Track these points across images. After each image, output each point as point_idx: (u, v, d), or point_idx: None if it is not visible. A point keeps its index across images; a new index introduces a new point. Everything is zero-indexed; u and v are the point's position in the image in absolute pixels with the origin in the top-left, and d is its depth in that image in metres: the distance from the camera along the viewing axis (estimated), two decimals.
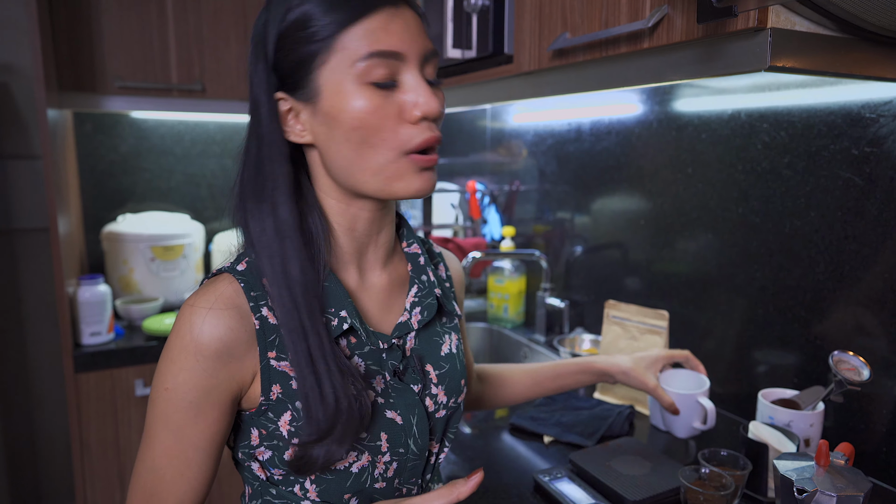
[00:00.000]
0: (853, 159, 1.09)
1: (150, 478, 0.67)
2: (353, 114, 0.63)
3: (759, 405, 1.11)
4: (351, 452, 0.69)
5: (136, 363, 1.76)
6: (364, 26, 0.63)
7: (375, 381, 0.72)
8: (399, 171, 0.66)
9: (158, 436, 0.66)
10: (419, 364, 0.76)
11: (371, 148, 0.65)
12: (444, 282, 0.84)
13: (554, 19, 1.11)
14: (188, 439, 0.66)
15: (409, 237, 0.81)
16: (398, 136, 0.64)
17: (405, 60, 0.64)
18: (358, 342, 0.71)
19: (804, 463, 0.84)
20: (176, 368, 0.64)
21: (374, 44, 0.62)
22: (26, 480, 2.15)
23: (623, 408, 1.32)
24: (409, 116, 0.64)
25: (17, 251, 2.07)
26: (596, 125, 1.68)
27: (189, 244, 2.07)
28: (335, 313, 0.69)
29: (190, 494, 0.67)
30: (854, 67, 0.83)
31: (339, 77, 0.63)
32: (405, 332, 0.75)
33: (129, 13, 1.85)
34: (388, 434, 0.71)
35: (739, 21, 0.77)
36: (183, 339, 0.64)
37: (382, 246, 0.76)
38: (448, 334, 0.81)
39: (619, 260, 1.65)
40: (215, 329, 0.64)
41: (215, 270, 0.70)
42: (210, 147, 2.31)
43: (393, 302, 0.77)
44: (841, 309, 1.13)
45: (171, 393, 0.65)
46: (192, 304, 0.65)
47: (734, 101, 1.29)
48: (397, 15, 0.64)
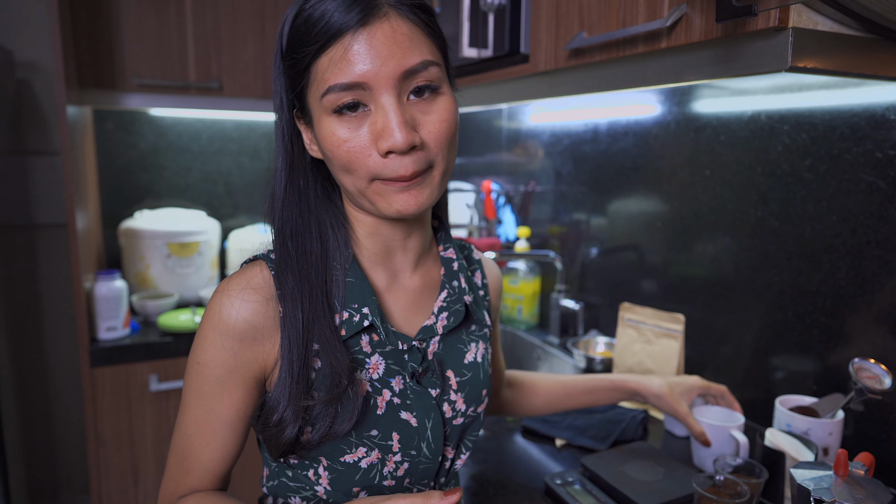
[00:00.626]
0: (877, 162, 1.06)
1: (182, 443, 0.73)
2: (327, 143, 0.65)
3: (776, 412, 1.09)
4: (360, 447, 0.70)
5: (151, 358, 1.77)
6: (328, 56, 0.61)
7: (394, 381, 0.72)
8: (377, 192, 0.66)
9: (191, 405, 0.72)
10: (439, 369, 0.75)
11: (348, 173, 0.66)
12: (477, 289, 0.83)
13: (570, 18, 1.10)
14: (214, 412, 0.70)
15: (447, 241, 0.81)
16: (367, 167, 0.64)
17: (369, 88, 0.61)
18: (380, 340, 0.72)
19: (822, 472, 0.82)
20: (206, 345, 0.69)
21: (332, 77, 0.61)
22: (43, 473, 2.18)
23: (637, 412, 1.30)
24: (378, 149, 0.63)
25: (36, 246, 2.10)
26: (613, 126, 1.66)
27: (205, 241, 2.09)
28: (358, 309, 0.71)
29: (214, 463, 0.72)
30: (878, 68, 0.81)
31: (316, 106, 0.65)
32: (429, 336, 0.75)
33: (148, 12, 1.87)
34: (400, 435, 0.72)
35: (760, 20, 0.76)
36: (213, 319, 0.68)
37: (412, 250, 0.76)
38: (475, 342, 0.80)
39: (634, 262, 1.63)
40: (241, 312, 0.67)
41: (252, 256, 0.74)
42: (227, 145, 2.32)
43: (422, 304, 0.77)
44: (862, 315, 1.10)
45: (202, 367, 0.69)
46: (225, 287, 0.69)
47: (754, 102, 1.27)
48: (360, 37, 0.60)
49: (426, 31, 0.65)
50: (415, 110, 0.64)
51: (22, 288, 2.09)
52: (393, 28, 0.61)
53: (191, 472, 0.73)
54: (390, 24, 0.61)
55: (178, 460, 0.73)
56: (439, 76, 0.65)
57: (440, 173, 0.66)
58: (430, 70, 0.63)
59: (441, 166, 0.66)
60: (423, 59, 0.62)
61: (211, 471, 0.73)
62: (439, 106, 0.65)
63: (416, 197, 0.65)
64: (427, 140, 0.64)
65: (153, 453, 1.81)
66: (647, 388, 1.08)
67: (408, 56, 0.61)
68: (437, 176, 0.66)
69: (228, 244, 2.20)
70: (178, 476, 0.73)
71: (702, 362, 1.43)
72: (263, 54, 2.02)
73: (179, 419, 0.73)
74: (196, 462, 0.72)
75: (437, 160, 0.65)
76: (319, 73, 0.62)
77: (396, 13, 0.62)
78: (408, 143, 0.61)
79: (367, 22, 0.60)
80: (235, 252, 2.17)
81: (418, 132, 0.63)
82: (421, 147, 0.64)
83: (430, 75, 0.63)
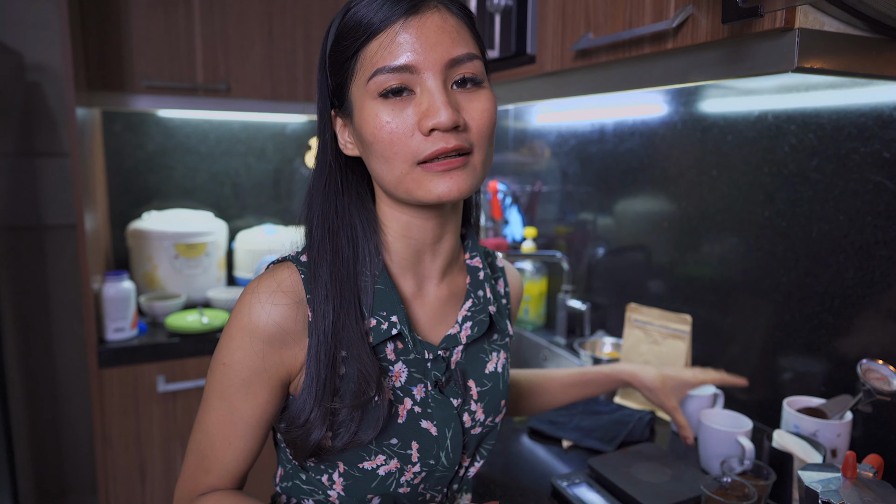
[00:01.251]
0: (884, 162, 1.06)
1: (203, 441, 0.72)
2: (369, 129, 0.65)
3: (784, 413, 1.09)
4: (379, 455, 0.70)
5: (158, 359, 1.78)
6: (377, 42, 0.63)
7: (416, 389, 0.72)
8: (416, 180, 0.65)
9: (213, 404, 0.71)
10: (462, 378, 0.75)
11: (387, 161, 0.65)
12: (500, 298, 0.83)
13: (577, 19, 1.10)
14: (238, 412, 0.70)
15: (473, 249, 0.80)
16: (410, 148, 0.64)
17: (417, 71, 0.63)
18: (404, 348, 0.72)
19: (830, 474, 0.82)
20: (234, 346, 0.69)
21: (380, 60, 0.63)
22: (50, 473, 2.20)
23: (643, 413, 1.30)
24: (422, 127, 0.63)
25: (45, 247, 2.11)
26: (619, 126, 1.66)
27: (212, 242, 2.10)
28: (386, 317, 0.70)
29: (234, 463, 0.72)
30: (886, 69, 0.81)
31: (361, 93, 0.66)
32: (452, 345, 0.75)
33: (156, 14, 1.88)
34: (419, 444, 0.72)
35: (766, 21, 0.76)
36: (241, 321, 0.68)
37: (441, 255, 0.75)
38: (496, 352, 0.80)
39: (641, 262, 1.62)
40: (270, 315, 0.67)
41: (280, 257, 0.74)
42: (234, 146, 2.33)
43: (447, 313, 0.76)
44: (871, 316, 1.10)
45: (227, 368, 0.69)
46: (254, 289, 0.69)
47: (761, 101, 1.27)
48: (411, 24, 0.63)
49: (471, 30, 0.67)
50: (459, 97, 0.65)
51: (31, 288, 2.11)
52: (443, 19, 0.64)
53: (211, 471, 0.72)
54: (440, 15, 0.64)
55: (197, 458, 0.73)
56: (482, 71, 0.67)
57: (480, 161, 0.66)
58: (474, 62, 0.65)
59: (481, 155, 0.66)
60: (468, 51, 0.65)
61: (231, 470, 0.73)
62: (482, 97, 0.66)
63: (457, 182, 0.64)
64: (470, 124, 0.65)
65: (160, 454, 1.82)
66: (639, 379, 1.09)
67: (455, 46, 0.64)
68: (478, 164, 0.66)
69: (236, 245, 2.21)
70: (198, 474, 0.73)
71: (709, 363, 1.43)
72: (271, 56, 2.03)
73: (201, 417, 0.73)
74: (217, 461, 0.72)
75: (478, 146, 0.66)
76: (368, 58, 0.64)
77: (446, 8, 0.65)
78: (452, 122, 0.62)
79: (417, 11, 0.63)
80: (243, 253, 2.18)
81: (462, 115, 0.64)
82: (464, 129, 0.64)
83: (474, 68, 0.65)
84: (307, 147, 2.42)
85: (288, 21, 2.05)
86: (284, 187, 2.44)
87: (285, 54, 2.05)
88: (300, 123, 2.41)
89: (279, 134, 2.39)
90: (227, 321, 0.70)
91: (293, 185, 2.45)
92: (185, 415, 1.83)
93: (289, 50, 2.05)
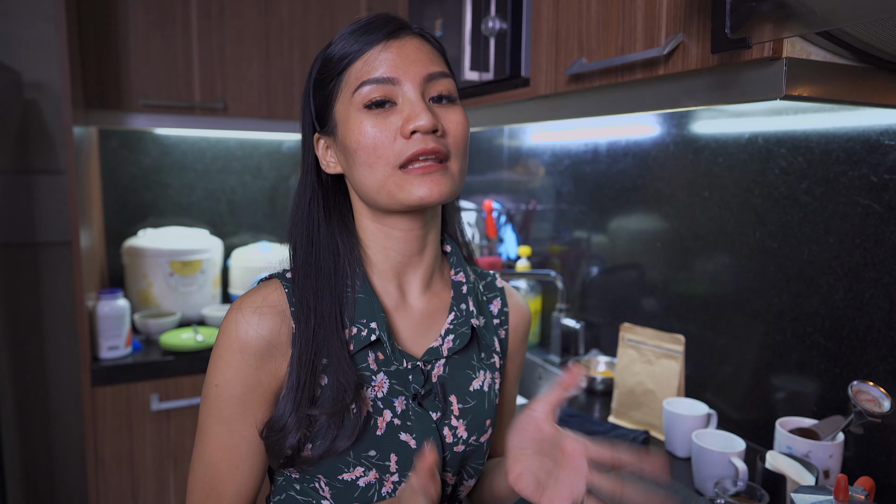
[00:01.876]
0: (872, 186, 1.08)
1: (207, 473, 0.71)
2: (354, 137, 0.70)
3: (776, 434, 1.10)
4: (357, 467, 0.71)
5: (152, 378, 1.78)
6: (361, 61, 0.70)
7: (397, 401, 0.73)
8: (397, 183, 0.69)
9: (212, 430, 0.71)
10: (441, 392, 0.76)
11: (370, 167, 0.69)
12: (491, 316, 0.84)
13: (570, 44, 1.12)
14: (239, 433, 0.70)
15: (458, 266, 0.82)
16: (392, 152, 0.68)
17: (398, 83, 0.69)
18: (385, 359, 0.73)
19: (823, 497, 0.82)
20: (224, 365, 0.69)
21: (365, 74, 0.69)
22: (42, 492, 2.18)
23: (638, 433, 1.31)
24: (403, 131, 0.68)
25: (40, 264, 2.11)
26: (612, 146, 1.68)
27: (207, 259, 2.10)
28: (366, 324, 0.72)
29: (245, 486, 0.72)
30: (871, 96, 0.83)
31: (345, 107, 0.71)
32: (434, 358, 0.76)
33: (154, 33, 1.89)
34: (398, 456, 0.72)
35: (755, 51, 0.77)
36: (229, 338, 0.69)
37: (423, 268, 0.78)
38: (484, 371, 0.80)
39: (635, 281, 1.64)
40: (258, 329, 0.69)
41: (267, 275, 0.77)
42: (230, 163, 2.34)
43: (430, 327, 0.78)
44: (861, 337, 1.11)
45: (221, 389, 0.70)
46: (240, 305, 0.71)
47: (751, 124, 1.29)
48: (392, 44, 0.70)
49: (444, 58, 0.75)
50: (436, 110, 0.71)
51: (25, 306, 2.10)
52: (420, 43, 0.72)
53: (222, 501, 0.71)
54: (418, 40, 0.72)
55: (205, 491, 0.72)
56: (455, 90, 0.73)
57: (458, 170, 0.71)
58: (448, 80, 0.72)
59: (457, 163, 0.71)
60: (443, 69, 0.72)
61: (243, 495, 0.72)
62: (457, 111, 0.72)
63: (438, 184, 0.68)
64: (447, 131, 0.70)
65: (153, 473, 1.81)
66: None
67: (432, 64, 0.71)
68: (455, 171, 0.71)
69: (231, 262, 2.22)
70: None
71: (702, 382, 1.43)
72: (268, 75, 2.05)
73: (200, 450, 0.72)
74: (226, 489, 0.71)
75: (454, 154, 0.71)
76: (353, 74, 0.70)
77: (422, 37, 0.73)
78: (432, 124, 0.67)
79: (397, 36, 0.71)
80: (238, 270, 2.18)
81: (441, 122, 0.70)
82: (442, 135, 0.70)
83: (448, 85, 0.72)
84: None
85: (285, 41, 2.07)
86: (280, 205, 2.45)
87: (282, 74, 2.07)
88: (296, 141, 2.43)
89: (275, 152, 2.41)
90: (215, 343, 0.71)
91: (289, 203, 2.46)
92: (178, 434, 1.83)
93: (285, 69, 2.07)
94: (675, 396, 1.36)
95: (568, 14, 1.13)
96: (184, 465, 1.84)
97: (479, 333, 0.80)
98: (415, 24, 0.74)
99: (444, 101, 0.72)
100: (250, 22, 2.01)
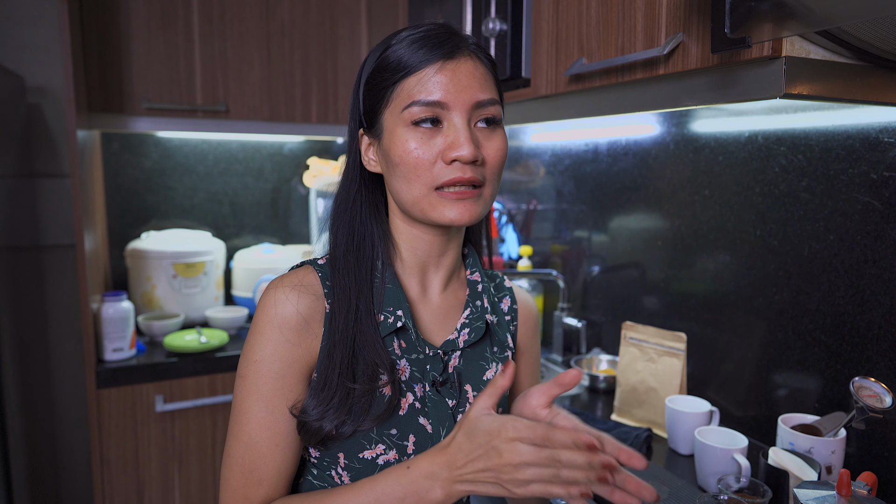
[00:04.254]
0: (872, 183, 1.08)
1: (247, 454, 0.72)
2: (397, 152, 0.73)
3: (779, 430, 1.10)
4: (379, 444, 0.74)
5: (156, 379, 1.78)
6: (416, 78, 0.72)
7: (417, 387, 0.77)
8: (431, 203, 0.73)
9: (251, 409, 0.72)
10: (458, 381, 0.80)
11: (408, 182, 0.73)
12: (503, 314, 0.88)
13: (570, 45, 1.13)
14: (279, 410, 0.72)
15: (474, 266, 0.87)
16: (431, 173, 0.72)
17: (448, 108, 0.71)
18: (409, 346, 0.77)
19: (825, 492, 0.83)
20: (263, 340, 0.72)
21: (417, 94, 0.72)
22: (47, 494, 2.18)
23: (640, 430, 1.31)
24: (445, 157, 0.71)
25: (44, 267, 2.12)
26: (613, 146, 1.69)
27: (210, 261, 2.11)
28: (393, 312, 0.77)
29: (286, 465, 0.74)
30: (870, 94, 0.83)
31: (394, 119, 0.74)
32: (451, 349, 0.80)
33: (157, 37, 1.90)
34: (416, 437, 0.76)
35: (754, 50, 0.78)
36: (268, 314, 0.72)
37: (444, 268, 0.83)
38: (497, 363, 0.84)
39: (636, 280, 1.64)
40: (296, 304, 0.73)
41: (299, 263, 0.80)
42: (232, 166, 2.35)
43: (448, 321, 0.83)
44: (862, 333, 1.11)
45: (260, 364, 0.72)
46: (276, 284, 0.74)
47: (751, 122, 1.29)
48: (448, 66, 0.72)
49: (494, 77, 0.77)
50: (479, 134, 0.74)
51: (29, 308, 2.11)
52: (474, 66, 0.73)
53: (263, 482, 0.72)
54: (472, 62, 0.73)
55: (244, 474, 0.72)
56: (500, 113, 0.77)
57: (490, 193, 0.75)
58: (496, 106, 0.75)
59: (491, 188, 0.75)
60: (492, 96, 0.74)
61: (283, 473, 0.73)
62: (499, 136, 0.75)
63: (469, 209, 0.72)
64: (486, 160, 0.74)
65: (158, 475, 1.82)
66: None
67: (482, 90, 0.73)
68: (488, 195, 0.75)
69: (234, 264, 2.22)
70: (248, 491, 0.72)
71: (704, 380, 1.44)
72: (269, 77, 2.06)
73: (237, 430, 0.73)
74: (268, 469, 0.72)
75: (489, 180, 0.74)
76: (405, 90, 0.72)
77: (476, 56, 0.75)
78: (473, 157, 0.71)
79: (453, 57, 0.72)
80: (241, 272, 2.19)
81: (481, 151, 0.73)
82: (481, 164, 0.73)
83: (495, 111, 0.75)
84: (305, 167, 2.44)
85: (286, 44, 2.08)
86: (282, 206, 2.45)
87: (283, 76, 2.08)
88: (298, 143, 2.43)
89: (277, 154, 2.41)
90: (253, 320, 0.74)
91: (291, 205, 2.47)
92: (183, 435, 1.83)
93: (287, 72, 2.08)
94: (678, 394, 1.36)
95: (568, 14, 1.14)
96: (189, 466, 1.85)
97: (492, 329, 0.84)
98: (472, 40, 0.75)
99: (491, 125, 0.75)
100: (251, 25, 2.02)
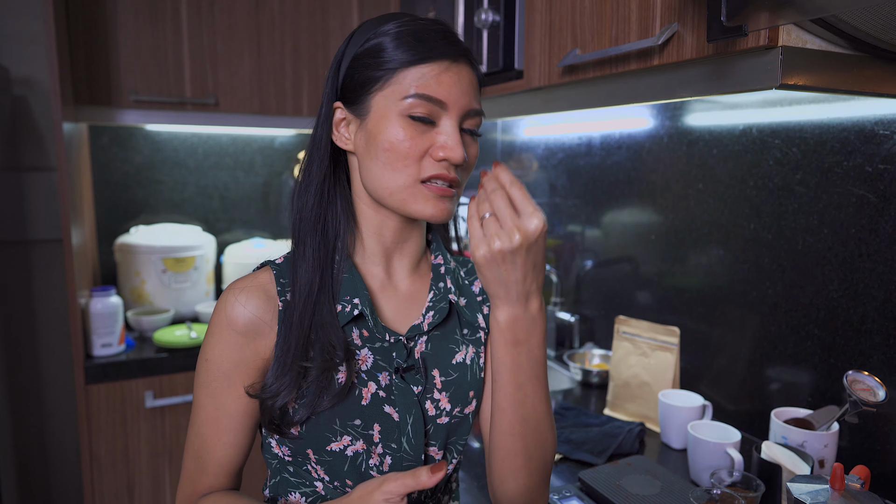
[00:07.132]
0: (867, 176, 1.08)
1: (197, 442, 0.78)
2: (388, 138, 0.73)
3: (772, 424, 1.10)
4: (344, 436, 0.75)
5: (146, 375, 1.76)
6: (421, 69, 0.72)
7: (381, 376, 0.77)
8: (413, 195, 0.74)
9: (202, 403, 0.77)
10: (423, 367, 0.79)
11: (393, 171, 0.73)
12: (474, 295, 0.87)
13: (564, 36, 1.12)
14: (224, 407, 0.76)
15: (436, 251, 0.87)
16: (418, 167, 0.73)
17: (446, 109, 0.73)
18: (370, 335, 0.77)
19: (818, 486, 0.83)
20: (214, 341, 0.75)
21: (422, 87, 0.72)
22: (37, 490, 2.16)
23: (633, 425, 1.31)
24: (434, 154, 0.73)
25: (32, 262, 2.09)
26: (606, 139, 1.68)
27: (200, 256, 2.09)
28: (349, 301, 0.77)
29: (227, 459, 0.78)
30: (867, 85, 0.82)
31: (388, 104, 0.73)
32: (416, 334, 0.80)
33: (144, 29, 1.88)
34: (381, 426, 0.76)
35: (750, 39, 0.77)
36: (220, 316, 0.75)
37: (409, 254, 0.83)
38: (467, 345, 0.83)
39: (629, 274, 1.64)
40: (245, 308, 0.75)
41: (261, 263, 0.82)
42: (222, 159, 2.33)
43: (415, 307, 0.82)
44: (855, 327, 1.11)
45: (210, 363, 0.76)
46: (231, 287, 0.77)
47: (746, 115, 1.29)
48: (453, 69, 0.73)
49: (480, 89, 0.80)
50: (464, 139, 0.76)
51: (17, 304, 2.08)
52: (472, 75, 0.76)
53: (206, 470, 0.77)
54: (471, 71, 0.76)
55: (193, 460, 0.78)
56: (481, 125, 0.79)
57: (460, 194, 0.78)
58: (481, 118, 0.78)
59: (461, 189, 0.78)
60: (480, 107, 0.78)
61: (225, 466, 0.78)
62: (476, 145, 0.78)
63: (447, 207, 0.75)
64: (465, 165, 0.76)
65: (148, 471, 1.80)
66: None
67: (475, 100, 0.76)
68: (459, 195, 0.77)
69: (224, 259, 2.20)
70: (195, 476, 0.78)
71: (697, 374, 1.44)
72: (259, 70, 2.03)
73: (193, 420, 0.78)
74: (211, 458, 0.77)
75: (462, 182, 0.77)
76: (409, 78, 0.72)
77: (474, 67, 0.77)
78: (462, 160, 0.73)
79: (460, 60, 0.74)
80: (231, 266, 2.17)
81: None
82: (462, 167, 0.75)
83: (480, 122, 0.78)
84: (296, 160, 2.42)
85: (276, 36, 2.05)
86: (273, 201, 2.43)
87: (273, 69, 2.05)
88: (288, 137, 2.41)
89: (267, 147, 2.39)
90: (210, 320, 0.77)
91: (282, 199, 2.45)
92: (173, 431, 1.82)
93: (277, 64, 2.06)
94: (671, 388, 1.36)
95: (562, 5, 1.12)
96: (179, 461, 1.83)
97: (458, 310, 0.83)
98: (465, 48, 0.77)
99: (472, 134, 0.77)
100: (241, 17, 1.99)
